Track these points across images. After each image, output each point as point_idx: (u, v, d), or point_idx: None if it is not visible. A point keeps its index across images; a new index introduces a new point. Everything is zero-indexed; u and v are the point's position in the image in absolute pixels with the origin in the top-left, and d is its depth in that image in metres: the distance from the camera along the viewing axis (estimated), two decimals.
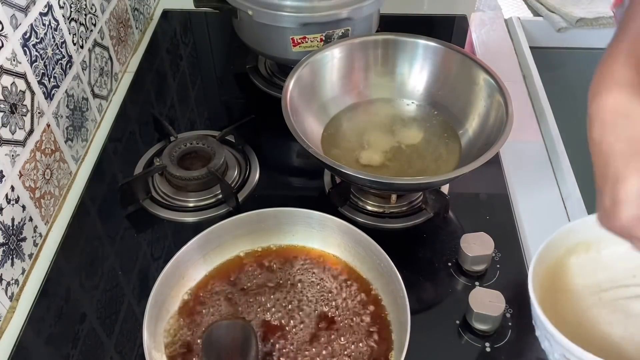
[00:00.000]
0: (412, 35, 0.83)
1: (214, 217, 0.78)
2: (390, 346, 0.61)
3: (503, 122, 0.72)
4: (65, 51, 0.81)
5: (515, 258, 0.74)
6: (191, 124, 0.95)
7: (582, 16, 1.16)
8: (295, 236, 0.70)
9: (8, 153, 0.68)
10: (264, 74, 1.02)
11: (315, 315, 0.63)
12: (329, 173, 0.83)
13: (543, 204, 0.82)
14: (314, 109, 0.82)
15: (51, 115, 0.78)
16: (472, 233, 0.71)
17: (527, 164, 0.87)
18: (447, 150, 0.80)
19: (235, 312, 0.64)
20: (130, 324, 0.68)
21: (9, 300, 0.69)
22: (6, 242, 0.68)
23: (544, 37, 1.20)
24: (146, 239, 0.77)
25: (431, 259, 0.74)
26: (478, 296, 0.65)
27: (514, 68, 1.04)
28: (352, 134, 0.82)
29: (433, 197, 0.77)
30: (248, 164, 0.85)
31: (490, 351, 0.65)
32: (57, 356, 0.65)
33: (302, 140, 0.70)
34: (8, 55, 0.68)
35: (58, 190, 0.80)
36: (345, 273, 0.67)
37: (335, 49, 0.83)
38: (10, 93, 0.68)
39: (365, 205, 0.79)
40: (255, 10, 0.87)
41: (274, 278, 0.67)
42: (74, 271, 0.73)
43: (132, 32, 1.07)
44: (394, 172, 0.77)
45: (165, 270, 0.62)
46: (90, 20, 0.89)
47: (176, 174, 0.79)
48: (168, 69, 1.04)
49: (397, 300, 0.61)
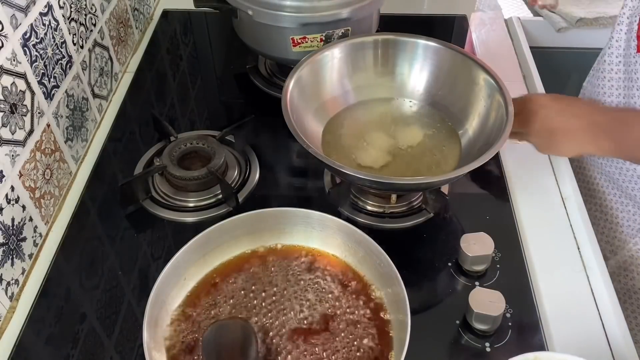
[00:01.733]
0: (412, 35, 0.83)
1: (214, 217, 0.78)
2: (390, 346, 0.61)
3: (503, 122, 0.72)
4: (65, 51, 0.81)
5: (515, 258, 0.74)
6: (191, 124, 0.95)
7: (582, 16, 1.16)
8: (295, 236, 0.70)
9: (8, 153, 0.68)
10: (264, 74, 1.02)
11: (315, 315, 0.63)
12: (329, 173, 0.83)
13: (543, 204, 0.82)
14: (314, 109, 0.82)
15: (51, 115, 0.78)
16: (472, 233, 0.71)
17: (527, 164, 0.87)
18: (447, 150, 0.80)
19: (235, 312, 0.64)
20: (130, 324, 0.68)
21: (9, 300, 0.69)
22: (6, 242, 0.68)
23: (544, 37, 1.20)
24: (146, 239, 0.77)
25: (431, 259, 0.74)
26: (478, 296, 0.65)
27: (514, 68, 1.04)
28: (352, 134, 0.82)
29: (433, 197, 0.77)
30: (248, 164, 0.85)
31: (490, 351, 0.65)
32: (57, 356, 0.65)
33: (302, 140, 0.70)
34: (8, 55, 0.68)
35: (58, 190, 0.80)
36: (345, 273, 0.67)
37: (335, 49, 0.83)
38: (10, 93, 0.68)
39: (365, 205, 0.79)
40: (255, 10, 0.87)
41: (274, 278, 0.67)
42: (74, 271, 0.73)
43: (132, 32, 1.07)
44: (393, 172, 0.77)
45: (165, 270, 0.62)
46: (90, 20, 0.89)
47: (176, 174, 0.79)
48: (168, 69, 1.04)
49: (397, 300, 0.61)
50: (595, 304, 0.71)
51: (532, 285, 0.71)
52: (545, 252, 0.76)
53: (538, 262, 0.75)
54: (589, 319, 0.69)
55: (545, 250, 0.76)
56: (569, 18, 1.16)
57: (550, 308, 0.70)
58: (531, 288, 0.71)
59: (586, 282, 0.73)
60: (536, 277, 0.73)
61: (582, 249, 0.76)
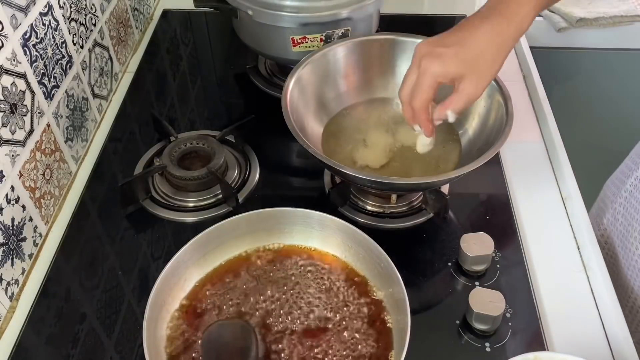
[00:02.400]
0: (412, 35, 0.83)
1: (214, 217, 0.78)
2: (390, 346, 0.61)
3: (503, 122, 0.72)
4: (65, 51, 0.81)
5: (515, 258, 0.74)
6: (191, 124, 0.95)
7: (582, 16, 1.16)
8: (295, 236, 0.70)
9: (8, 153, 0.68)
10: (264, 74, 1.02)
11: (315, 316, 0.63)
12: (329, 173, 0.83)
13: (543, 204, 0.82)
14: (313, 109, 0.82)
15: (51, 115, 0.78)
16: (472, 233, 0.71)
17: (527, 164, 0.87)
18: (447, 150, 0.80)
19: (235, 312, 0.64)
20: (130, 324, 0.68)
21: (9, 300, 0.69)
22: (6, 242, 0.68)
23: (544, 37, 1.20)
24: (146, 239, 0.77)
25: (431, 259, 0.74)
26: (478, 296, 0.65)
27: (514, 68, 1.04)
28: (352, 134, 0.82)
29: (433, 197, 0.77)
30: (248, 164, 0.85)
31: (490, 351, 0.65)
32: (57, 356, 0.65)
33: (302, 140, 0.70)
34: (8, 55, 0.68)
35: (58, 190, 0.80)
36: (345, 273, 0.67)
37: (335, 49, 0.83)
38: (10, 93, 0.68)
39: (365, 205, 0.79)
40: (255, 10, 0.87)
41: (274, 278, 0.67)
42: (74, 271, 0.73)
43: (132, 32, 1.07)
44: (393, 172, 0.77)
45: (165, 270, 0.62)
46: (90, 20, 0.89)
47: (176, 174, 0.79)
48: (168, 69, 1.04)
49: (397, 300, 0.61)
50: (595, 304, 0.71)
51: (532, 285, 0.71)
52: (545, 252, 0.76)
53: (538, 262, 0.75)
54: (589, 319, 0.70)
55: (545, 250, 0.76)
56: (569, 18, 1.16)
57: (550, 308, 0.70)
58: (531, 288, 0.71)
59: (586, 282, 0.73)
60: (536, 277, 0.73)
61: (582, 249, 0.76)
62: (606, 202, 0.87)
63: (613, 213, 0.84)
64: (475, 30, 0.63)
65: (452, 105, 0.65)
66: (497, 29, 0.63)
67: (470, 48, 0.63)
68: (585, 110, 1.31)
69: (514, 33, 0.64)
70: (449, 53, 0.63)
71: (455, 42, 0.63)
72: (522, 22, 0.64)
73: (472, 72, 0.63)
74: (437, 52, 0.63)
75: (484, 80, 0.64)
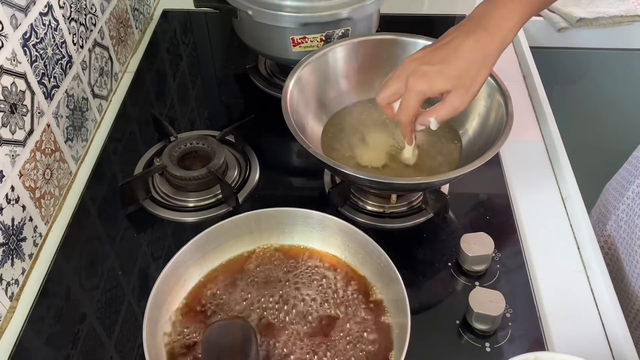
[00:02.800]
0: (412, 35, 0.83)
1: (214, 217, 0.78)
2: (390, 346, 0.61)
3: (503, 122, 0.72)
4: (65, 51, 0.81)
5: (515, 258, 0.74)
6: (191, 124, 0.95)
7: (582, 16, 1.16)
8: (295, 236, 0.70)
9: (8, 153, 0.68)
10: (264, 74, 1.02)
11: (315, 316, 0.63)
12: (329, 173, 0.83)
13: (543, 204, 0.82)
14: (313, 109, 0.82)
15: (51, 115, 0.78)
16: (472, 233, 0.71)
17: (527, 164, 0.87)
18: (447, 150, 0.80)
19: (235, 312, 0.64)
20: (130, 324, 0.68)
21: (9, 300, 0.69)
22: (6, 242, 0.68)
23: (544, 37, 1.20)
24: (146, 239, 0.77)
25: (431, 259, 0.74)
26: (478, 296, 0.65)
27: (514, 68, 1.04)
28: (352, 134, 0.82)
29: (433, 197, 0.77)
30: (248, 164, 0.85)
31: (490, 351, 0.65)
32: (57, 356, 0.65)
33: (302, 140, 0.70)
34: (8, 55, 0.68)
35: (58, 190, 0.80)
36: (345, 273, 0.67)
37: (335, 49, 0.83)
38: (10, 93, 0.68)
39: (365, 205, 0.79)
40: (255, 10, 0.87)
41: (273, 278, 0.67)
42: (74, 271, 0.73)
43: (132, 32, 1.07)
44: (394, 172, 0.77)
45: (165, 270, 0.62)
46: (90, 20, 0.89)
47: (176, 174, 0.79)
48: (168, 69, 1.04)
49: (397, 300, 0.61)
50: (595, 304, 0.71)
51: (532, 285, 0.71)
52: (545, 252, 0.76)
53: (538, 262, 0.75)
54: (589, 319, 0.69)
55: (545, 250, 0.76)
56: (569, 18, 1.16)
57: (550, 308, 0.70)
58: (531, 288, 0.71)
59: (586, 282, 0.73)
60: (536, 277, 0.73)
61: (582, 248, 0.76)
62: (608, 207, 0.87)
63: (616, 220, 0.84)
64: (460, 46, 0.65)
65: (437, 114, 0.67)
66: (481, 43, 0.65)
67: (456, 65, 0.65)
68: (585, 110, 1.31)
69: (498, 46, 0.65)
70: (435, 70, 0.65)
71: (440, 60, 0.65)
72: (506, 36, 0.65)
73: (458, 87, 0.65)
74: (423, 71, 0.65)
75: (470, 93, 0.66)
